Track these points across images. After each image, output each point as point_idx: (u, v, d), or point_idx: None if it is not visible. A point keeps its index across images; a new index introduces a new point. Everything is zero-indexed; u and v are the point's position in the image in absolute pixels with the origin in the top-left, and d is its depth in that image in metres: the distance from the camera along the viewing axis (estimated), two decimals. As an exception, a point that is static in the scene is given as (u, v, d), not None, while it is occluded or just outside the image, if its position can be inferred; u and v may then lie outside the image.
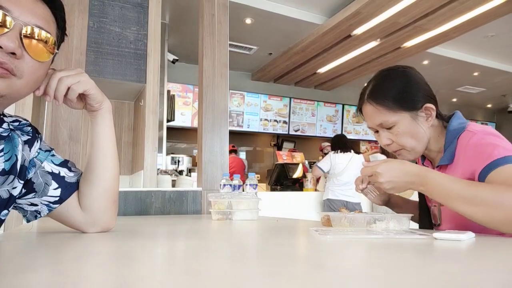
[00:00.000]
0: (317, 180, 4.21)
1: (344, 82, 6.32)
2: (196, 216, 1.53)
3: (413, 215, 0.91)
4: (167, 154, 4.22)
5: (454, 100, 8.10)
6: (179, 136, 5.72)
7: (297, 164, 4.43)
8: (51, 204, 0.77)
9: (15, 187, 0.73)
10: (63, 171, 0.80)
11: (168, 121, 3.69)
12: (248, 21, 4.35)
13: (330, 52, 5.00)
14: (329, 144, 4.44)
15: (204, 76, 1.76)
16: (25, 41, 0.63)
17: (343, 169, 3.62)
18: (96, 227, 0.80)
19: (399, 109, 0.93)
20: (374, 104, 0.95)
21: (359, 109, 1.03)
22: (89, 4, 1.78)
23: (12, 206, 0.74)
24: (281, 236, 0.80)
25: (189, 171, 4.33)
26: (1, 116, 0.72)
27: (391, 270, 0.43)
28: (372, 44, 4.67)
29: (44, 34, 0.66)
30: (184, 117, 5.47)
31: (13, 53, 0.61)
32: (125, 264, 0.47)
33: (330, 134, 6.59)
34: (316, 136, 6.65)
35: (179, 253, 0.60)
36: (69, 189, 0.79)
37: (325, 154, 3.99)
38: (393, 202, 1.14)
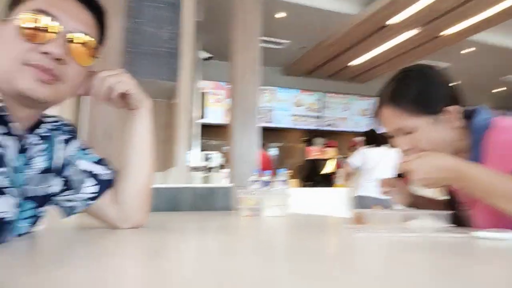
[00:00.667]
0: (349, 176, 4.12)
1: (380, 74, 6.11)
2: (227, 212, 1.54)
3: (450, 212, 0.87)
4: (199, 151, 4.28)
5: (497, 90, 7.59)
6: (210, 133, 5.80)
7: (328, 160, 4.36)
8: (86, 201, 0.80)
9: (53, 185, 0.76)
10: (98, 169, 0.82)
11: (200, 118, 3.75)
12: (280, 15, 4.31)
13: (365, 44, 4.85)
14: (361, 139, 4.33)
15: (236, 72, 1.77)
16: (71, 46, 0.66)
17: (376, 164, 3.51)
18: (129, 223, 0.83)
19: (419, 113, 0.87)
20: (392, 108, 0.90)
21: (376, 113, 0.98)
22: (125, 6, 1.83)
23: (50, 203, 0.78)
24: (311, 233, 0.78)
25: (220, 167, 4.38)
26: (41, 117, 0.75)
27: (428, 271, 0.41)
28: (410, 33, 4.47)
29: (88, 39, 0.68)
30: (216, 114, 5.54)
31: (59, 59, 0.64)
32: (155, 260, 0.48)
33: (364, 128, 6.41)
34: (349, 131, 6.50)
35: (208, 249, 0.61)
36: (103, 186, 0.81)
37: (355, 150, 3.89)
38: (417, 203, 1.09)
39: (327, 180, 4.29)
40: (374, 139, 3.65)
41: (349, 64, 5.67)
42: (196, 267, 0.43)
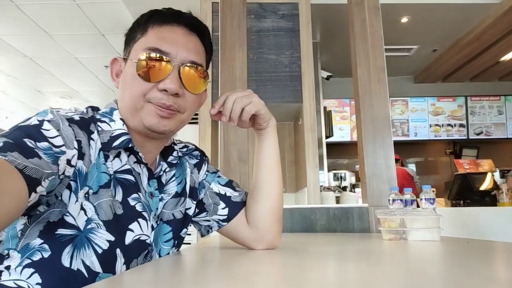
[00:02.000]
0: (517, 192, 3.36)
1: (543, 67, 4.98)
2: (364, 234, 1.41)
3: None
4: (329, 170, 4.19)
5: None
6: (339, 151, 5.64)
7: (485, 174, 3.67)
8: (220, 222, 0.83)
9: (189, 208, 0.81)
10: (229, 191, 0.85)
11: (327, 137, 3.69)
12: (404, 19, 3.99)
13: (517, 33, 4.05)
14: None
15: (360, 84, 1.67)
16: (183, 79, 0.68)
17: (557, 176, 2.78)
18: (262, 244, 0.82)
19: None
20: None
21: None
22: (248, 38, 1.96)
23: (189, 224, 0.83)
24: (481, 264, 0.62)
25: (353, 186, 4.18)
26: (172, 145, 0.81)
27: None
28: None
29: (198, 68, 0.71)
30: (343, 132, 5.38)
31: (176, 93, 0.67)
32: (292, 286, 0.44)
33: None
34: (507, 138, 5.42)
35: (351, 278, 0.53)
36: (235, 208, 0.83)
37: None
38: None
39: (487, 198, 3.58)
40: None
41: (498, 60, 4.81)
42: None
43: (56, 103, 5.86)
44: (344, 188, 4.00)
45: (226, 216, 0.82)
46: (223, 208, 0.82)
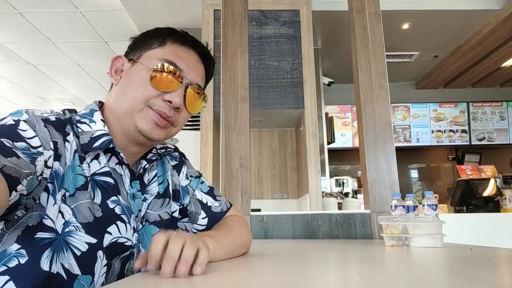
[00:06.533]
0: (520, 198, 3.34)
1: (545, 73, 4.98)
2: (367, 241, 1.40)
3: None
4: (331, 176, 4.19)
5: None
6: (341, 157, 5.64)
7: (487, 180, 3.65)
8: (198, 231, 0.83)
9: (174, 210, 0.81)
10: (210, 201, 0.85)
11: (328, 143, 3.69)
12: (405, 26, 4.01)
13: (518, 39, 4.06)
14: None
15: (361, 90, 1.67)
16: (187, 97, 0.73)
17: (560, 182, 2.76)
18: None
19: None
20: None
21: None
22: (249, 45, 1.97)
23: (177, 227, 0.83)
24: (484, 271, 0.62)
25: (355, 192, 4.17)
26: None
27: None
28: None
29: (201, 92, 0.75)
30: (345, 138, 5.38)
31: (177, 107, 0.71)
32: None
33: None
34: (510, 144, 5.40)
35: (353, 285, 0.53)
36: (214, 218, 0.84)
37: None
38: None
39: (490, 204, 3.57)
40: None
41: (500, 66, 4.82)
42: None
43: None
44: (346, 194, 3.99)
45: (205, 226, 0.83)
46: (203, 218, 0.83)
